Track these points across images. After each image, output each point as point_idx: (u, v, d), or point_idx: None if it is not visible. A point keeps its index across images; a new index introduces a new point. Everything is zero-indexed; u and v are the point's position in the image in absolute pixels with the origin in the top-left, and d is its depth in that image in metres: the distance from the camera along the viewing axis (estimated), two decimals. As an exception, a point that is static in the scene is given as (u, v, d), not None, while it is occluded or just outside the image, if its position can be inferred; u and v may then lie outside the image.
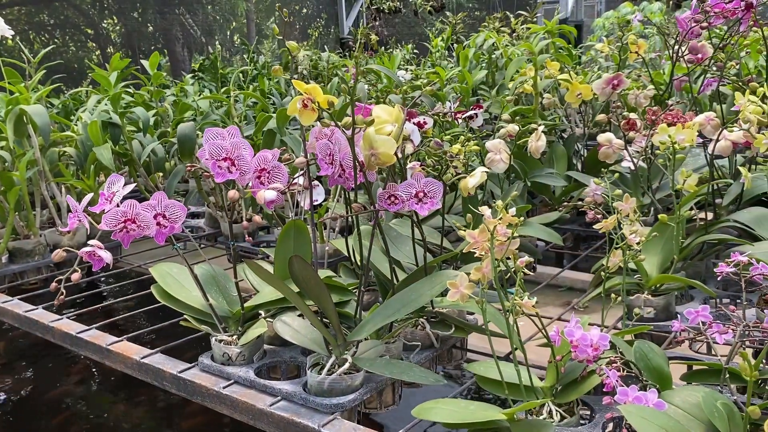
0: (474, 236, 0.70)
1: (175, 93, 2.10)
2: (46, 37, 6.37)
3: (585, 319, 0.76)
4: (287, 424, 0.77)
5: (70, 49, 6.71)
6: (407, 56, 3.61)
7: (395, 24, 7.30)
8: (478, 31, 2.37)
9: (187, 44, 6.95)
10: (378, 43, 6.27)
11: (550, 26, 2.09)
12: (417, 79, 1.92)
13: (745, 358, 0.49)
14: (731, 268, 0.84)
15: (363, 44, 3.73)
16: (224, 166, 0.69)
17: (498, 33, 2.59)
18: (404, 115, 0.83)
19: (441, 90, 1.76)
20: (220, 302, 0.91)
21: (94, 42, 6.76)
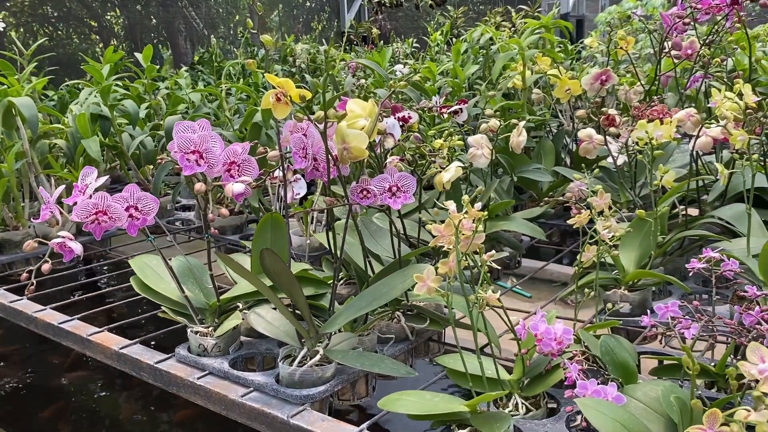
0: (440, 230, 0.70)
1: (170, 86, 2.11)
2: (50, 30, 6.38)
3: (552, 313, 0.77)
4: (258, 414, 0.78)
5: (74, 42, 6.73)
6: (408, 50, 3.60)
7: (398, 18, 7.29)
8: (476, 26, 2.36)
9: (189, 37, 6.96)
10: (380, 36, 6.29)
11: (546, 21, 2.08)
12: (415, 74, 1.92)
13: (687, 352, 0.50)
14: (702, 264, 0.84)
15: (364, 38, 3.80)
16: (192, 158, 0.70)
17: (498, 28, 2.58)
18: (378, 109, 0.83)
19: (432, 85, 1.76)
20: (197, 294, 0.92)
21: (97, 35, 6.78)
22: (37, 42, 1.74)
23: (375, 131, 0.83)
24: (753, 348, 0.46)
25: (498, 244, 1.28)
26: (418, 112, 1.23)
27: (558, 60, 1.66)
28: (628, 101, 1.51)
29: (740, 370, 0.46)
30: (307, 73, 3.11)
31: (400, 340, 0.92)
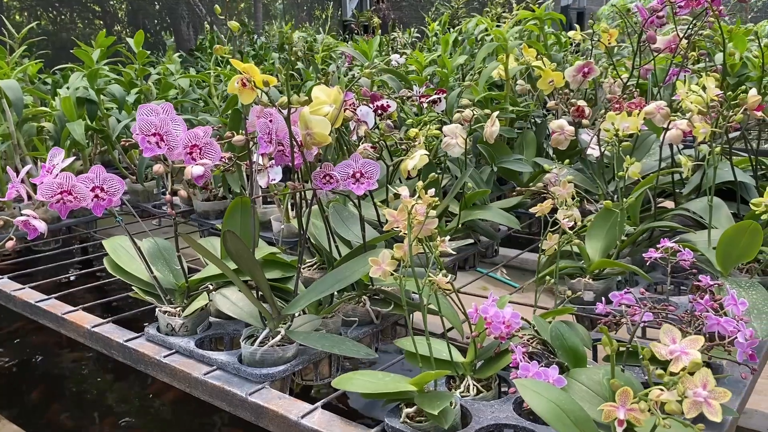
0: (393, 215, 0.72)
1: (162, 72, 2.12)
2: (54, 14, 6.40)
3: (505, 298, 0.78)
4: (219, 392, 0.80)
5: (77, 26, 6.74)
6: (409, 40, 3.61)
7: (402, 8, 7.28)
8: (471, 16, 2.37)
9: (192, 23, 6.97)
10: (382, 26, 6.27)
11: (538, 13, 2.09)
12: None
13: (605, 333, 0.51)
14: (659, 254, 0.86)
15: (365, 27, 3.80)
16: (153, 141, 0.72)
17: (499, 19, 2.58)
18: (344, 96, 0.85)
19: (420, 74, 1.78)
20: (166, 275, 0.94)
21: (100, 20, 6.79)
22: (29, 25, 1.76)
23: (340, 118, 0.85)
24: (666, 330, 0.48)
25: (474, 233, 1.30)
26: (397, 101, 1.24)
27: (542, 51, 1.66)
28: (613, 93, 1.52)
29: (653, 351, 0.47)
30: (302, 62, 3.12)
31: (365, 323, 0.94)
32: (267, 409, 0.75)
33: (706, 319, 0.66)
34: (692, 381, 0.44)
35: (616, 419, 0.46)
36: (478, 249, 1.30)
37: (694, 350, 0.46)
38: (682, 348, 0.46)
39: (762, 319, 0.82)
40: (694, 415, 0.43)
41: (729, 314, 0.72)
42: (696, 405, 0.43)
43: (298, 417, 0.72)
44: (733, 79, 2.17)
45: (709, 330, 0.66)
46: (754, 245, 0.86)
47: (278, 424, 0.74)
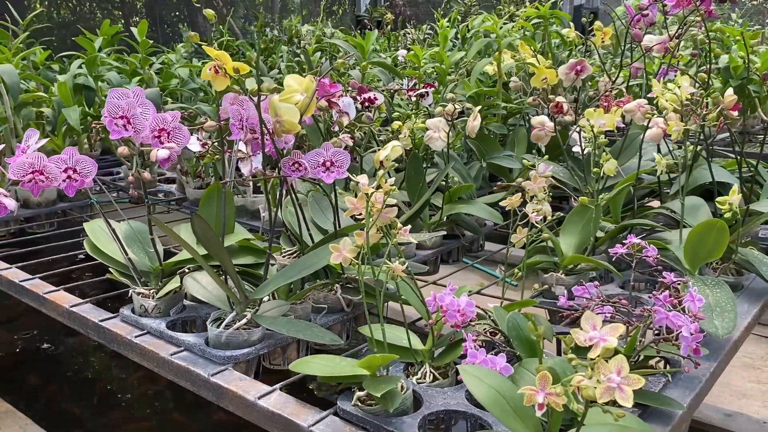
0: (353, 202, 0.73)
1: (166, 61, 2.15)
2: (74, 3, 6.48)
3: (464, 288, 0.79)
4: (183, 372, 0.82)
5: (97, 17, 6.82)
6: (421, 36, 3.63)
7: (418, 4, 7.27)
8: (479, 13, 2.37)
9: (209, 16, 7.02)
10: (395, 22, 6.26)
11: (543, 11, 2.09)
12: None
13: (530, 318, 0.52)
14: (624, 250, 0.86)
15: (378, 23, 3.81)
16: (120, 123, 0.74)
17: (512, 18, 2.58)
18: (315, 85, 0.86)
19: (418, 69, 1.78)
20: (142, 258, 0.96)
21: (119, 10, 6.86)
22: (33, 12, 1.79)
23: (312, 106, 0.86)
24: (587, 317, 0.49)
25: (458, 227, 1.31)
26: (385, 94, 1.25)
27: (536, 49, 1.66)
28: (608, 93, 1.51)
29: (574, 337, 0.48)
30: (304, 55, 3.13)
31: (336, 311, 0.96)
32: (226, 389, 0.77)
33: (655, 313, 0.66)
34: (607, 367, 0.45)
35: (537, 403, 0.47)
36: (462, 243, 1.31)
37: (612, 337, 0.47)
38: (601, 335, 0.47)
39: (725, 317, 0.82)
40: (606, 400, 0.44)
41: (686, 311, 0.73)
42: (609, 390, 0.44)
43: (255, 398, 0.74)
44: (735, 81, 2.16)
45: (657, 324, 0.66)
46: (721, 244, 0.87)
47: (237, 404, 0.76)
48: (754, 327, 0.95)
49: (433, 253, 1.24)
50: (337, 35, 3.07)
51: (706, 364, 0.80)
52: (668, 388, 0.74)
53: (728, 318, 0.81)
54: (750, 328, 0.92)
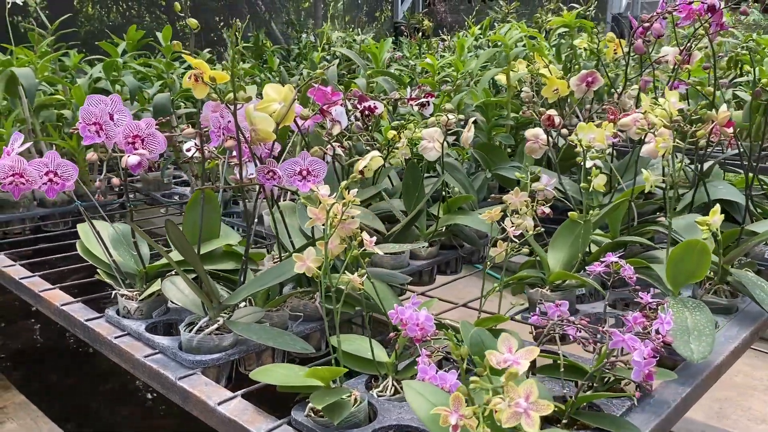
0: (315, 213, 0.73)
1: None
2: (124, 7, 6.67)
3: (429, 302, 0.79)
4: (155, 374, 0.83)
5: (145, 20, 7.01)
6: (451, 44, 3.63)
7: (459, 11, 7.25)
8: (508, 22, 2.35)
9: (253, 21, 7.13)
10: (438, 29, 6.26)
11: (569, 20, 2.06)
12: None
13: (450, 338, 0.51)
14: (602, 268, 0.84)
15: (416, 29, 3.82)
16: (92, 130, 0.75)
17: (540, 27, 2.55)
18: (294, 94, 0.87)
19: (433, 78, 1.78)
20: (127, 260, 0.98)
21: (165, 14, 7.04)
22: (62, 17, 1.85)
23: (290, 115, 0.87)
24: (503, 339, 0.48)
25: (455, 238, 1.30)
26: (384, 102, 1.25)
27: (546, 59, 1.64)
28: (623, 104, 1.49)
29: (488, 358, 0.47)
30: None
31: (315, 319, 0.96)
32: (191, 393, 0.78)
33: (612, 336, 0.64)
34: (517, 391, 0.44)
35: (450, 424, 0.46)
36: (459, 254, 1.30)
37: (525, 361, 0.46)
38: (515, 358, 0.46)
39: (702, 341, 0.79)
40: (511, 425, 0.43)
41: (652, 333, 0.71)
42: (515, 415, 0.43)
43: (215, 403, 0.75)
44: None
45: (613, 346, 0.65)
46: (702, 265, 0.84)
47: (200, 409, 0.77)
48: (745, 352, 0.92)
49: (428, 264, 1.23)
50: (368, 42, 3.06)
51: (679, 389, 0.77)
52: (634, 412, 0.72)
53: (705, 342, 0.79)
54: (738, 353, 0.89)
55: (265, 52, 3.64)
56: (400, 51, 3.25)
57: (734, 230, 0.99)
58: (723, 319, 0.95)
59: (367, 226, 1.19)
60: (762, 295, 0.92)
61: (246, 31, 6.35)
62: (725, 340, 0.89)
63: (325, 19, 7.13)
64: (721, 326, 0.93)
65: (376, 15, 7.86)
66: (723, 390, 1.87)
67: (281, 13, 7.23)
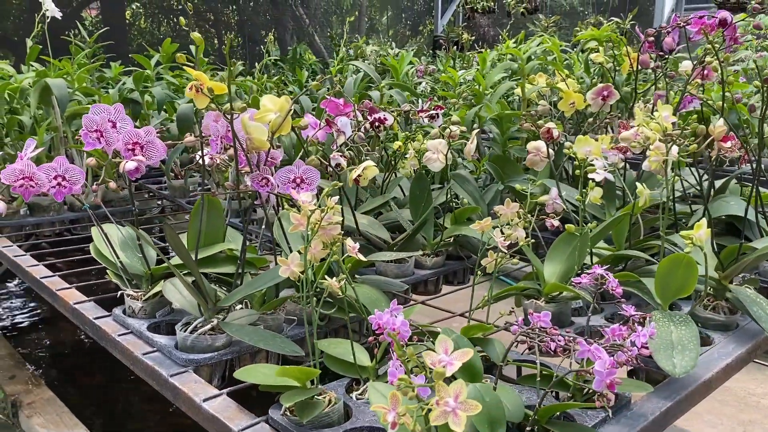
0: (297, 218, 0.76)
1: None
2: (174, 21, 6.89)
3: (411, 309, 0.80)
4: (150, 371, 0.87)
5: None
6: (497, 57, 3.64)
7: (502, 24, 7.25)
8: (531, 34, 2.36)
9: (297, 34, 7.27)
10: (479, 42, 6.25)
11: (597, 34, 2.06)
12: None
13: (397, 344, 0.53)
14: (587, 280, 0.84)
15: (455, 43, 3.86)
16: (93, 136, 0.80)
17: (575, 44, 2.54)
18: (290, 105, 0.90)
19: (453, 91, 1.80)
20: (134, 262, 1.02)
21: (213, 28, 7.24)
22: (101, 30, 1.94)
23: (286, 125, 0.90)
24: (440, 339, 0.49)
25: (462, 249, 1.31)
26: (393, 114, 1.28)
27: (562, 72, 1.64)
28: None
29: (425, 359, 0.49)
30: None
31: (310, 324, 0.98)
32: (180, 390, 0.81)
33: (578, 345, 0.65)
34: (447, 391, 0.45)
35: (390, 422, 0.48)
36: (467, 265, 1.31)
37: (459, 362, 0.47)
38: (449, 359, 0.47)
39: (685, 355, 0.79)
40: (439, 423, 0.45)
41: (627, 345, 0.71)
42: (444, 414, 0.44)
43: (201, 400, 0.78)
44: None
45: (579, 356, 0.65)
46: (690, 279, 0.83)
47: (188, 405, 0.80)
48: (740, 369, 0.90)
49: (433, 273, 1.25)
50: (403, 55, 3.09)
51: (660, 402, 0.77)
52: (608, 424, 0.73)
53: (689, 357, 0.78)
54: (730, 370, 0.88)
55: (303, 64, 3.71)
56: (434, 65, 3.28)
57: (735, 246, 0.98)
58: (720, 336, 0.94)
59: (373, 235, 1.22)
60: (759, 312, 0.91)
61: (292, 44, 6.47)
62: (718, 357, 0.88)
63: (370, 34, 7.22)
64: (717, 342, 0.92)
65: (419, 29, 7.92)
66: (749, 413, 1.82)
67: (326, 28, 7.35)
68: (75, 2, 5.07)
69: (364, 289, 0.99)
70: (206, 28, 7.43)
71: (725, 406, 1.84)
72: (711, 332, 0.95)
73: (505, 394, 0.72)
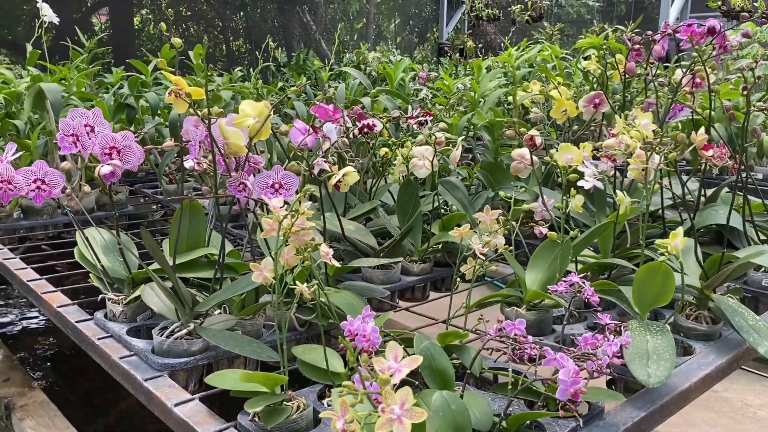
0: (269, 223, 0.76)
1: (224, 83, 2.27)
2: (183, 27, 6.94)
3: (384, 316, 0.80)
4: (126, 375, 0.87)
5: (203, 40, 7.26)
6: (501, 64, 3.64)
7: (508, 32, 7.25)
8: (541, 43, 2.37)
9: (304, 41, 7.30)
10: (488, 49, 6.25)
11: (595, 41, 2.06)
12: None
13: (349, 349, 0.53)
14: (563, 288, 0.84)
15: (460, 50, 3.88)
16: (70, 140, 0.80)
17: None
18: (270, 111, 0.90)
19: (447, 99, 1.80)
20: (116, 266, 1.02)
21: (221, 34, 7.28)
22: (98, 36, 1.95)
23: (265, 130, 0.90)
24: (390, 347, 0.49)
25: (450, 256, 1.31)
26: (382, 120, 1.28)
27: (554, 80, 1.64)
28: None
29: (376, 366, 0.48)
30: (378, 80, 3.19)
31: (290, 329, 0.98)
32: (154, 394, 0.81)
33: (545, 353, 0.65)
34: (393, 398, 0.45)
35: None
36: (454, 272, 1.30)
37: (407, 369, 0.47)
38: (398, 366, 0.47)
39: (660, 365, 0.78)
40: (385, 431, 0.44)
41: (598, 353, 0.71)
42: (389, 422, 0.44)
43: (172, 405, 0.78)
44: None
45: (546, 364, 0.65)
46: (667, 288, 0.83)
47: (160, 409, 0.80)
48: (718, 381, 0.89)
49: (420, 280, 1.24)
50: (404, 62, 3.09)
51: (633, 412, 0.76)
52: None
53: (664, 366, 0.77)
54: (710, 381, 0.87)
55: (307, 70, 3.72)
56: (435, 72, 3.28)
57: (718, 255, 0.97)
58: (702, 346, 0.93)
59: (360, 241, 1.22)
60: (741, 322, 0.90)
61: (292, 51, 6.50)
62: (698, 367, 0.87)
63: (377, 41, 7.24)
64: (698, 352, 0.91)
65: (427, 36, 7.94)
66: (745, 423, 1.80)
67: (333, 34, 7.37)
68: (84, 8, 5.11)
69: (345, 295, 0.99)
70: (215, 34, 7.48)
71: (722, 417, 1.83)
72: (693, 342, 0.94)
73: (474, 401, 0.71)
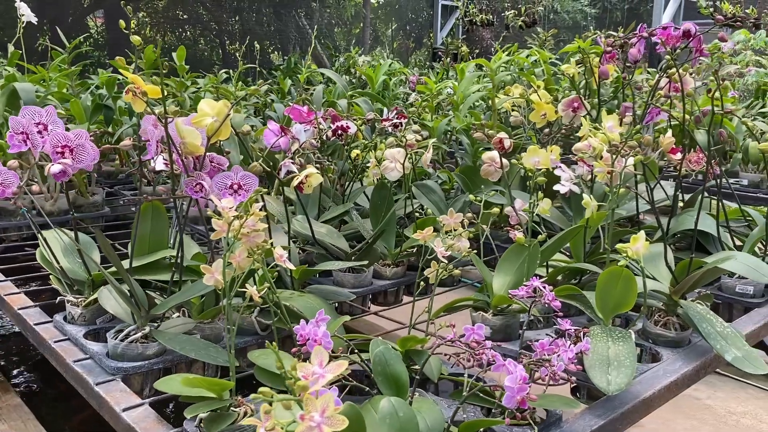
0: (219, 224, 0.74)
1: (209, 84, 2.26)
2: (179, 31, 6.94)
3: (338, 320, 0.78)
4: (79, 379, 0.85)
5: (199, 44, 7.26)
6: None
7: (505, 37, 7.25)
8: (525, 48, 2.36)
9: (300, 45, 7.30)
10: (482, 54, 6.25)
11: (584, 45, 2.04)
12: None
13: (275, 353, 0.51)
14: (524, 293, 0.82)
15: (454, 55, 3.86)
16: (20, 139, 0.79)
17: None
18: (229, 110, 0.88)
19: (431, 102, 1.78)
20: (77, 267, 1.00)
21: (217, 38, 7.28)
22: (79, 37, 1.94)
23: (225, 130, 0.88)
24: (316, 352, 0.47)
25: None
26: (356, 122, 1.26)
27: (533, 83, 1.62)
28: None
29: (300, 372, 0.47)
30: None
31: (250, 333, 0.96)
32: (104, 399, 0.79)
33: (494, 359, 0.63)
34: (314, 405, 0.43)
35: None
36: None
37: (331, 374, 0.45)
38: (322, 371, 0.45)
39: (621, 372, 0.77)
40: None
41: (553, 360, 0.69)
42: (309, 429, 0.42)
43: (120, 410, 0.76)
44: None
45: (495, 370, 0.63)
46: (629, 294, 0.81)
47: (110, 414, 0.78)
48: (685, 389, 0.88)
49: (392, 284, 1.23)
50: (394, 65, 3.09)
51: (592, 420, 0.74)
52: (534, 442, 0.70)
53: (624, 374, 0.76)
54: (674, 389, 0.85)
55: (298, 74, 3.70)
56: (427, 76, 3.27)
57: (687, 261, 0.95)
58: (669, 352, 0.91)
59: (331, 244, 1.20)
60: (709, 328, 0.88)
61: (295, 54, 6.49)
62: (663, 374, 0.85)
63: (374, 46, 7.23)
64: (665, 359, 0.89)
65: (423, 41, 7.94)
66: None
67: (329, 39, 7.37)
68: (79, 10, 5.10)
69: (308, 298, 0.97)
70: (211, 37, 7.47)
71: (704, 424, 1.81)
72: (661, 348, 0.92)
73: (426, 408, 0.70)
